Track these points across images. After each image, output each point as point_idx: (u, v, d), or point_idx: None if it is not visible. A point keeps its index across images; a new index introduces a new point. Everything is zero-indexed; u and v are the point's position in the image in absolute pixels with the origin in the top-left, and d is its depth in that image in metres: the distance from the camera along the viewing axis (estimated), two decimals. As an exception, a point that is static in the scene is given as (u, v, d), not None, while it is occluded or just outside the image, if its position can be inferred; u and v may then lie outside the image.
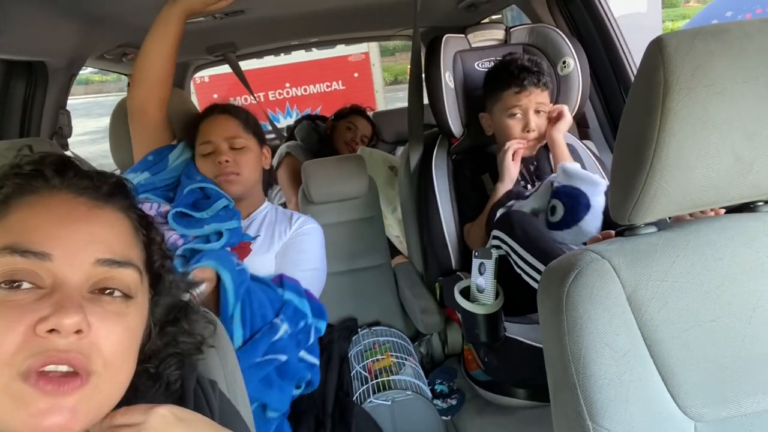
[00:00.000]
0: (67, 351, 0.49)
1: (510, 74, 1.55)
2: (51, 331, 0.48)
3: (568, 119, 1.60)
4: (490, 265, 1.25)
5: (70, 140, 1.81)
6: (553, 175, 1.51)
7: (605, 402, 0.67)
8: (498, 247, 1.36)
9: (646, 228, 0.75)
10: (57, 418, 0.47)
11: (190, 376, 0.67)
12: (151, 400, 0.60)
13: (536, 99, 1.56)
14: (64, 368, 0.49)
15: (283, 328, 1.16)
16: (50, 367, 0.48)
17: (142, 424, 0.51)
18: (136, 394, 0.60)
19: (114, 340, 0.53)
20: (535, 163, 1.69)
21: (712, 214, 0.89)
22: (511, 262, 1.32)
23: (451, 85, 1.67)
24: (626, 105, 0.70)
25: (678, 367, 0.68)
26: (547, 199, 1.43)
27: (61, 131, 1.66)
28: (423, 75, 1.70)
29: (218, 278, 1.14)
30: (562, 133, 1.61)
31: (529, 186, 1.66)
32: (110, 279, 0.55)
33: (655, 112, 0.63)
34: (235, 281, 1.13)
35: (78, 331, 0.49)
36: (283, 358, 1.14)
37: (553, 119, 1.60)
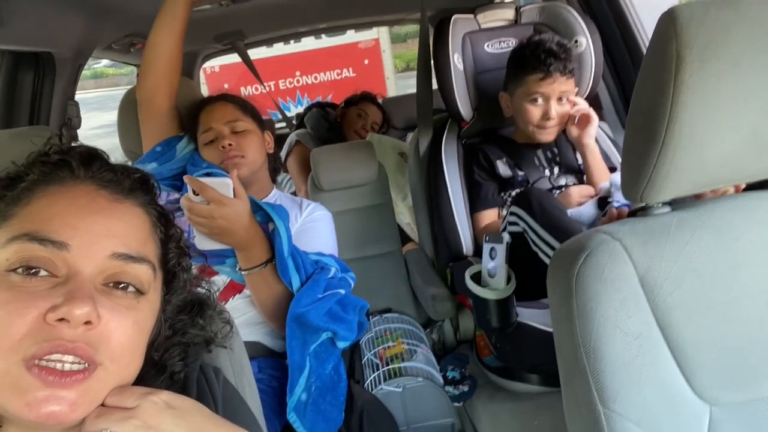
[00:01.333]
0: (74, 341, 0.49)
1: (536, 58, 1.50)
2: (61, 320, 0.48)
3: (596, 122, 1.56)
4: (501, 249, 1.24)
5: (85, 133, 1.82)
6: (604, 184, 1.47)
7: (617, 386, 0.65)
8: (515, 224, 1.34)
9: (660, 207, 0.73)
10: (55, 407, 0.48)
11: (193, 365, 0.67)
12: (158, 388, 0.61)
13: (560, 87, 1.52)
14: (69, 359, 0.49)
15: (333, 269, 1.26)
16: (55, 356, 0.49)
17: (132, 410, 0.51)
18: (142, 383, 0.60)
19: (122, 333, 0.53)
20: (555, 149, 1.65)
21: (732, 191, 0.86)
22: (528, 240, 1.30)
23: (460, 67, 1.64)
24: (638, 80, 0.67)
25: (692, 349, 0.66)
26: (595, 216, 1.40)
27: (70, 122, 1.66)
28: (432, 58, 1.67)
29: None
30: (593, 137, 1.57)
31: (547, 172, 1.63)
32: (124, 273, 0.55)
33: (667, 87, 0.61)
34: (287, 229, 1.20)
35: (87, 323, 0.50)
36: (342, 291, 1.24)
37: (581, 123, 1.56)
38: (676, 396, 0.66)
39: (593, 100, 1.82)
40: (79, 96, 1.81)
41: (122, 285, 0.55)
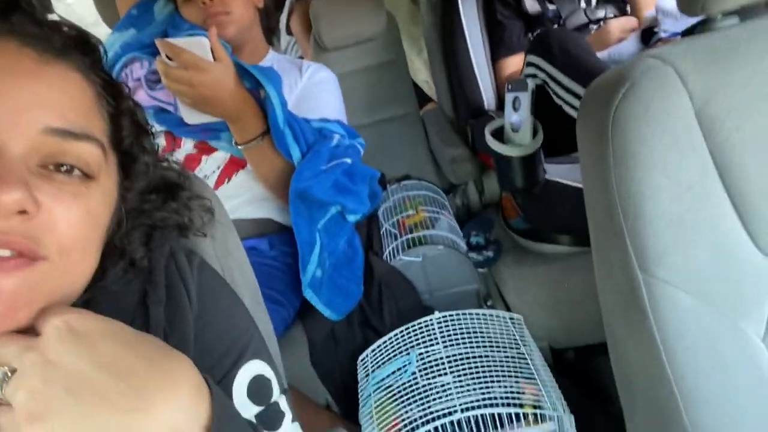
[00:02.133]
0: (7, 233, 0.39)
1: None
2: None
3: None
4: (525, 98, 1.07)
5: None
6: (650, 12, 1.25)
7: (661, 248, 0.53)
8: (533, 76, 1.16)
9: (725, 19, 0.56)
10: None
11: (160, 249, 0.57)
12: (118, 281, 0.52)
13: None
14: (6, 253, 0.40)
15: (336, 137, 1.16)
16: None
17: (35, 340, 0.41)
18: (105, 274, 0.51)
19: (71, 222, 0.43)
20: None
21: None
22: (549, 92, 1.13)
23: None
24: None
25: (760, 198, 0.53)
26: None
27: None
28: None
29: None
30: None
31: (583, 3, 1.40)
32: (64, 153, 0.44)
33: None
34: (280, 95, 1.09)
35: (23, 212, 0.39)
36: (348, 160, 1.15)
37: None
38: (738, 256, 0.54)
39: None
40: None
41: (65, 168, 0.45)
